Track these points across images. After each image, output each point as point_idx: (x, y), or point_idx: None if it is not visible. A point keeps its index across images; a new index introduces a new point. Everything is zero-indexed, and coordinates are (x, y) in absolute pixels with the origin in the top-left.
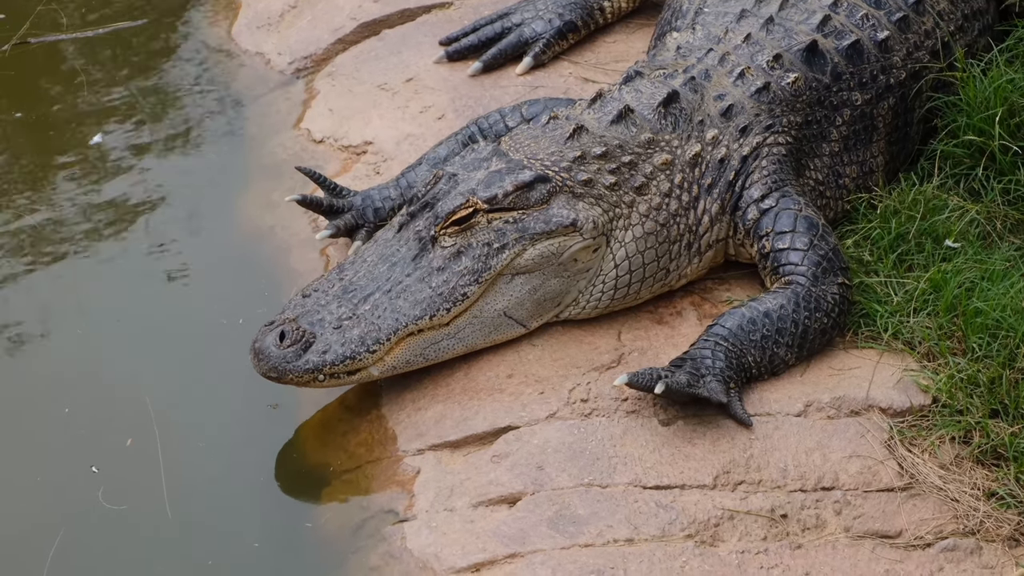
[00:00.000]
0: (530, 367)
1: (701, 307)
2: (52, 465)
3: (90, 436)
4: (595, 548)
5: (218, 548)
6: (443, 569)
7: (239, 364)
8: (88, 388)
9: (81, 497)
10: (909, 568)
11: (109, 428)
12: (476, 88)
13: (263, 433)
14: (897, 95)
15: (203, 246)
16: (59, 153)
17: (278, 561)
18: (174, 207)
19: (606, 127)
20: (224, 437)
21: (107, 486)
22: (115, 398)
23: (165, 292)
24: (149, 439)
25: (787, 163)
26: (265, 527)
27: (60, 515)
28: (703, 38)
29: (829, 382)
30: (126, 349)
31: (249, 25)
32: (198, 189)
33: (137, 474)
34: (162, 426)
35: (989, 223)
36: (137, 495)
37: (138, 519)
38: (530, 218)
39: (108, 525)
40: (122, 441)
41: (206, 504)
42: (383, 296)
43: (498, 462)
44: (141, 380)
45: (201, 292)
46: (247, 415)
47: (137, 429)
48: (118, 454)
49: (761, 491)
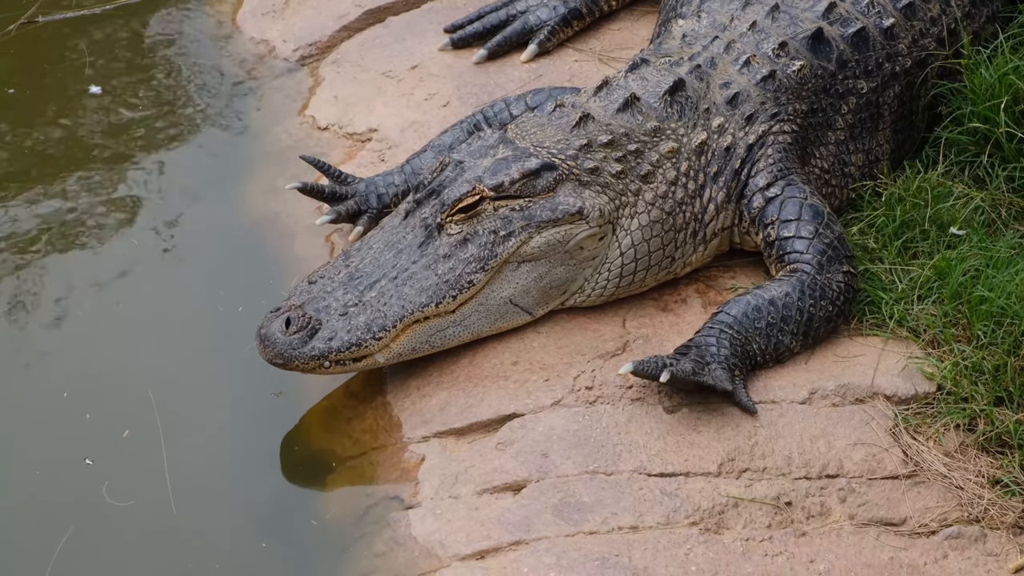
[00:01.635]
0: (535, 354)
1: (706, 295)
2: (48, 454)
3: (91, 424)
4: (600, 535)
5: (223, 536)
6: (447, 556)
7: (243, 350)
8: (89, 373)
9: (84, 486)
10: (913, 555)
11: (109, 416)
12: (481, 75)
13: (268, 420)
14: (903, 83)
15: (208, 233)
16: (60, 138)
17: (283, 548)
18: (178, 193)
19: (612, 115)
20: (229, 424)
21: (110, 478)
22: (117, 385)
23: (169, 278)
24: (151, 426)
25: (792, 151)
26: (270, 514)
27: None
28: (708, 25)
29: (834, 369)
30: (128, 334)
31: (254, 12)
32: (202, 176)
33: (141, 460)
34: (165, 412)
35: (994, 210)
36: (141, 482)
37: (143, 509)
38: (536, 206)
39: (113, 515)
40: (121, 429)
41: (210, 492)
42: (389, 283)
43: (503, 449)
44: (143, 365)
45: (205, 278)
46: (252, 401)
47: (140, 415)
48: (119, 443)
49: (766, 478)
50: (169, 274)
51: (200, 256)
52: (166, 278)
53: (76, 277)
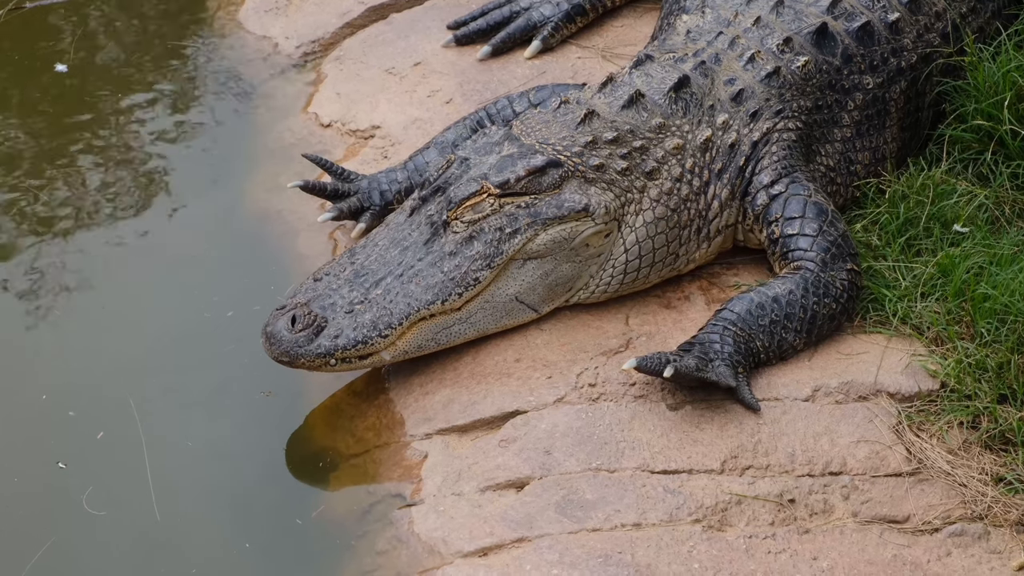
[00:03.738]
0: (538, 351)
1: (709, 292)
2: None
3: (91, 422)
4: (603, 533)
5: (225, 534)
6: (450, 553)
7: (246, 347)
8: (89, 370)
9: (85, 487)
10: (917, 553)
11: (108, 415)
12: (484, 72)
13: (271, 417)
14: (909, 78)
15: (211, 230)
16: (65, 133)
17: (285, 545)
18: (181, 190)
19: (617, 112)
20: (232, 421)
21: (111, 475)
22: (118, 383)
23: (171, 275)
24: (153, 427)
25: (797, 148)
26: (273, 511)
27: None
28: (713, 21)
29: (837, 367)
30: (130, 331)
31: (257, 9)
32: (205, 173)
33: (141, 461)
34: (166, 412)
35: (998, 208)
36: (140, 483)
37: (143, 508)
38: (542, 203)
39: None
40: (123, 430)
41: (212, 491)
42: (395, 280)
43: (506, 446)
44: (146, 363)
45: (207, 275)
46: (255, 399)
47: (141, 416)
48: (95, 444)
49: (769, 476)
50: (170, 271)
51: (202, 253)
52: (167, 275)
53: (76, 273)
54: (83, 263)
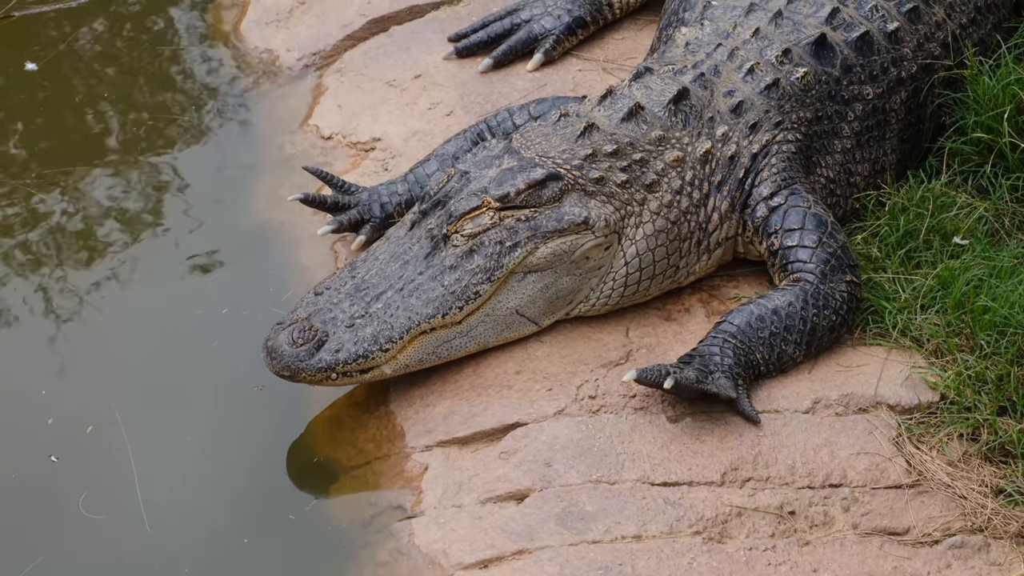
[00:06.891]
0: (538, 363)
1: (709, 304)
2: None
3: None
4: (603, 545)
5: (226, 540)
6: (451, 565)
7: (247, 358)
8: (88, 378)
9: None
10: (917, 565)
11: (103, 420)
12: (484, 84)
13: (273, 428)
14: (909, 89)
15: (211, 241)
16: (67, 145)
17: (287, 556)
18: (182, 202)
19: (617, 124)
20: (233, 432)
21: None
22: (114, 396)
23: (173, 287)
24: (154, 433)
25: (797, 160)
26: (274, 522)
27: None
28: (712, 33)
29: (837, 379)
30: (129, 342)
31: (258, 21)
32: (206, 184)
33: (142, 467)
34: (168, 421)
35: (997, 220)
36: (143, 490)
37: (147, 510)
38: (542, 216)
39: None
40: (121, 447)
41: (211, 502)
42: (395, 294)
43: (506, 458)
44: (147, 372)
45: (209, 287)
46: (256, 410)
47: (141, 419)
48: (84, 441)
49: (769, 488)
50: (172, 282)
51: (204, 265)
52: (169, 287)
53: (76, 285)
54: (82, 278)
